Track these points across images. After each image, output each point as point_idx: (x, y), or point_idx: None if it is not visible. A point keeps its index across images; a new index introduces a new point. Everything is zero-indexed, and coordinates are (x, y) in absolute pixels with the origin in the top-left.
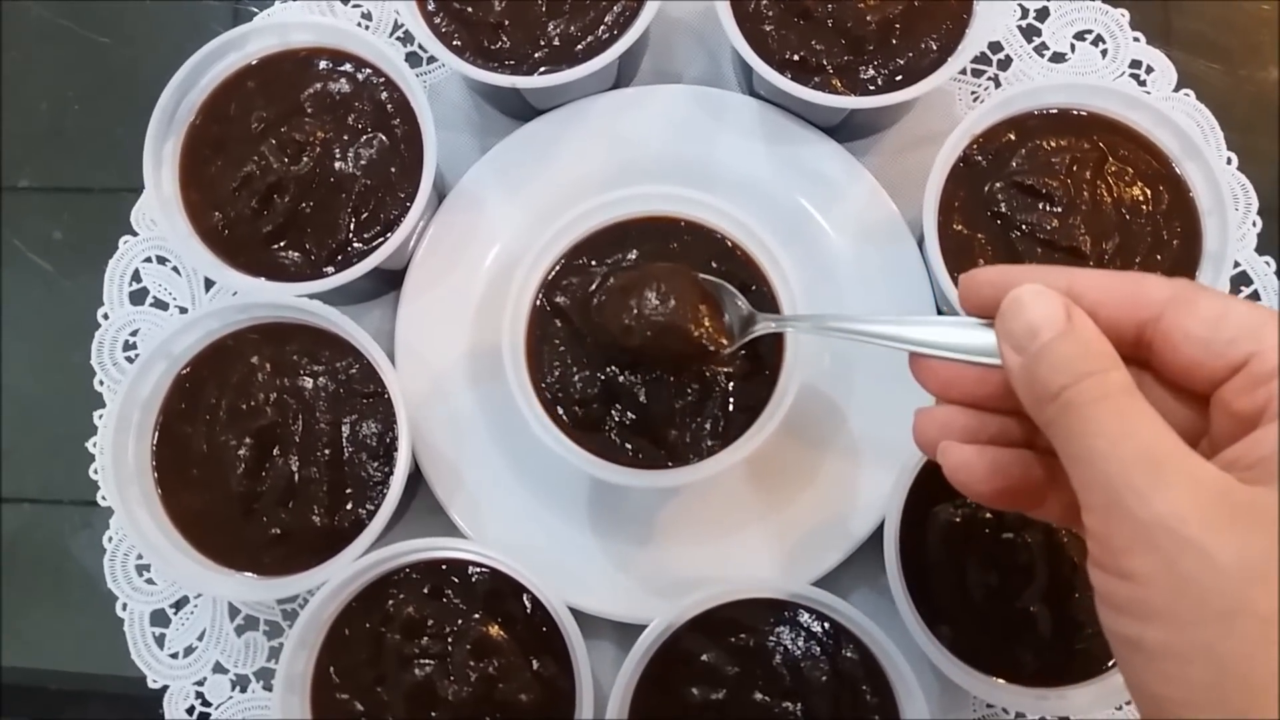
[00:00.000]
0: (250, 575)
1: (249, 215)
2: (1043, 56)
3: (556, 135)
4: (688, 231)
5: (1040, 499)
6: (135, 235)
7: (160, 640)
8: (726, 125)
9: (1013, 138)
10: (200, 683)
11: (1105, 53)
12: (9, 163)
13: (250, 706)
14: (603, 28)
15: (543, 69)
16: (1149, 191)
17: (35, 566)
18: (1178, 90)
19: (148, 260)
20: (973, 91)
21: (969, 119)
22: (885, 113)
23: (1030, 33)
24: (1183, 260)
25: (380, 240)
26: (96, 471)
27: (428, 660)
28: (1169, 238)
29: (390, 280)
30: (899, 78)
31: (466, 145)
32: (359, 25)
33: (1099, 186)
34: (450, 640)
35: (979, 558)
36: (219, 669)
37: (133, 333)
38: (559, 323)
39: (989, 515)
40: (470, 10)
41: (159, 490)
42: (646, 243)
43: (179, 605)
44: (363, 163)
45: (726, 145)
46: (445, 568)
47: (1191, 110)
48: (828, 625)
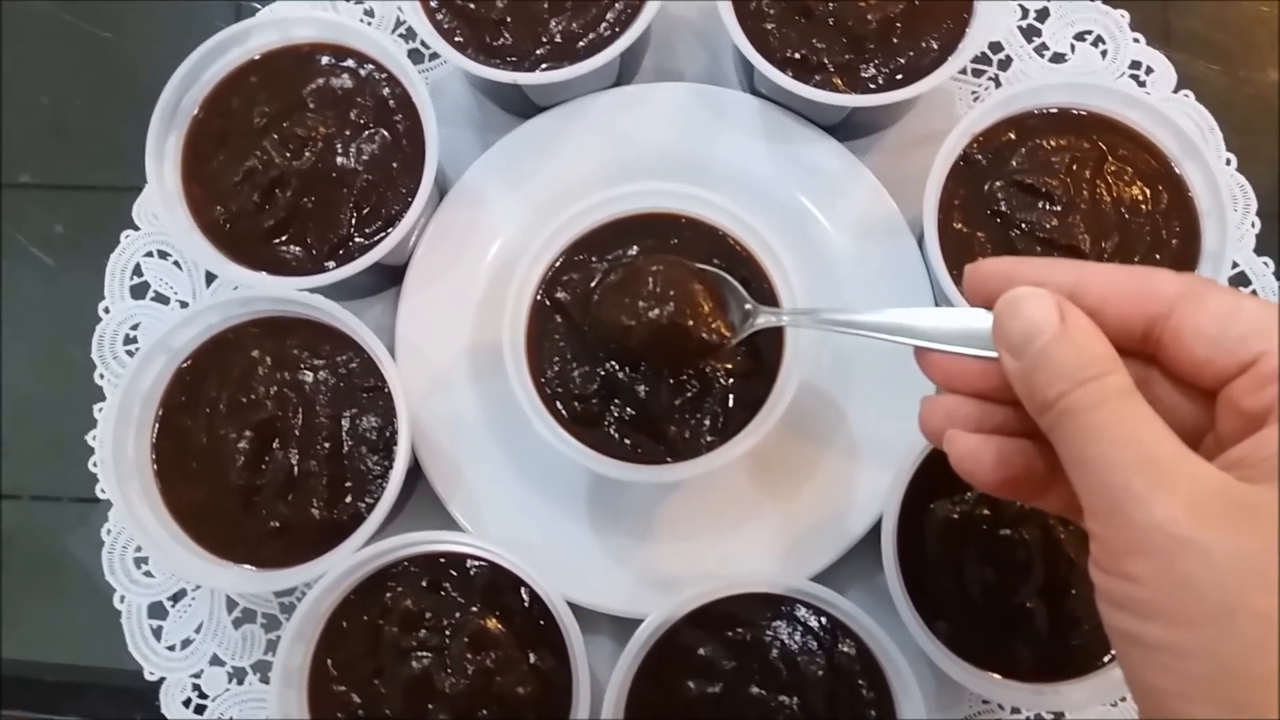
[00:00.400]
0: (249, 568)
1: (251, 210)
2: (1043, 57)
3: (558, 132)
4: (688, 228)
5: (1043, 489)
6: (137, 230)
7: (158, 633)
8: (727, 123)
9: (1013, 137)
10: (197, 675)
11: (1105, 53)
12: (10, 158)
13: (247, 699)
14: (604, 25)
15: (544, 66)
16: (1148, 191)
17: (33, 560)
18: (1177, 91)
19: (149, 255)
20: (973, 91)
21: (969, 117)
22: (886, 111)
23: (1030, 33)
24: (1181, 260)
25: (381, 235)
26: (96, 465)
27: (425, 653)
28: (1168, 237)
29: (391, 276)
30: (900, 77)
31: (468, 141)
32: (361, 21)
33: (1098, 186)
34: (448, 633)
35: (976, 554)
36: (216, 661)
37: (133, 327)
38: (559, 318)
39: (986, 512)
40: (473, 7)
41: (158, 483)
42: (647, 239)
43: (176, 598)
44: (364, 158)
45: (727, 143)
46: (443, 561)
47: (1191, 111)
48: (825, 620)
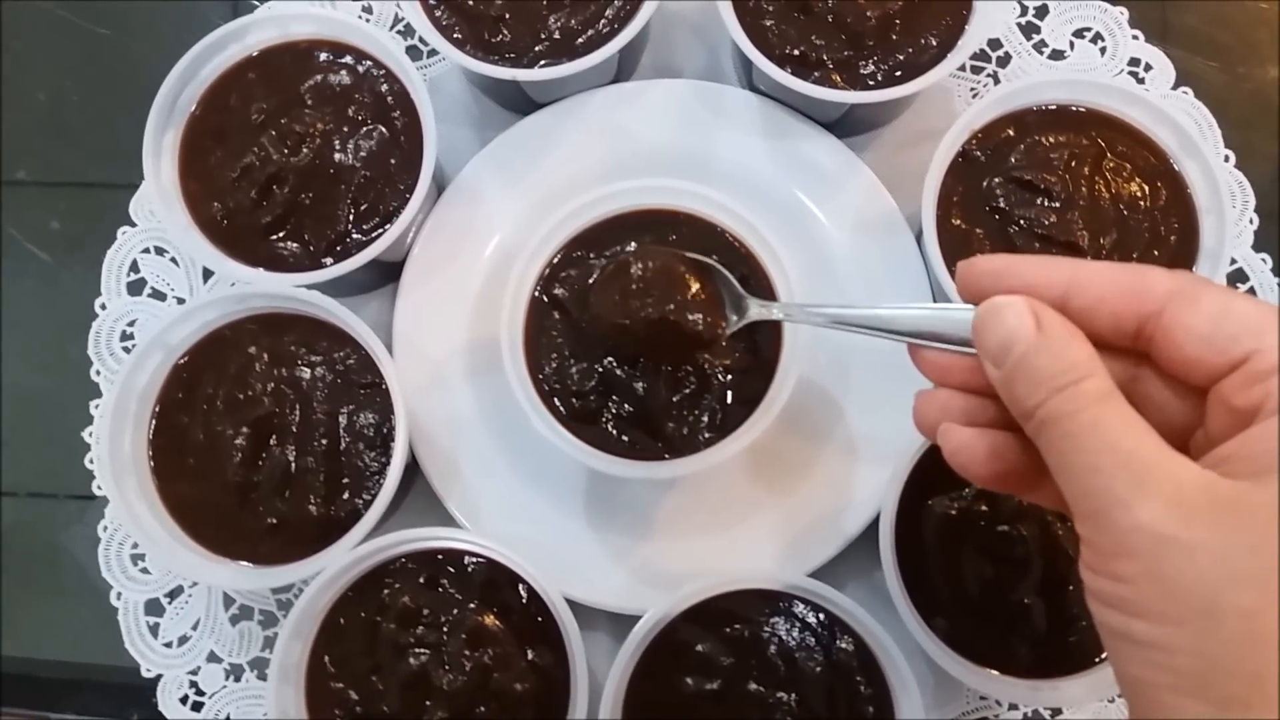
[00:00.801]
0: (246, 564)
1: (248, 206)
2: (1042, 54)
3: (556, 129)
4: (686, 224)
5: (1036, 483)
6: (134, 226)
7: (154, 630)
8: (726, 120)
9: (1012, 133)
10: (194, 672)
11: (1104, 50)
12: (7, 155)
13: (244, 696)
14: (603, 22)
15: (543, 62)
16: (1147, 188)
17: (30, 557)
18: (1176, 88)
19: (146, 251)
20: (972, 88)
21: (968, 114)
22: (885, 108)
23: (1029, 30)
24: (1180, 257)
25: (379, 232)
26: (92, 461)
27: (423, 650)
28: (1166, 234)
29: (389, 272)
30: (898, 73)
31: (466, 138)
32: (360, 18)
33: (1097, 182)
34: (446, 630)
35: (974, 550)
36: (213, 658)
37: (130, 323)
38: (557, 315)
39: (984, 508)
40: (471, 3)
41: (155, 480)
42: (645, 236)
43: (173, 595)
44: (362, 154)
45: (726, 140)
46: (441, 557)
47: (1189, 108)
48: (823, 617)
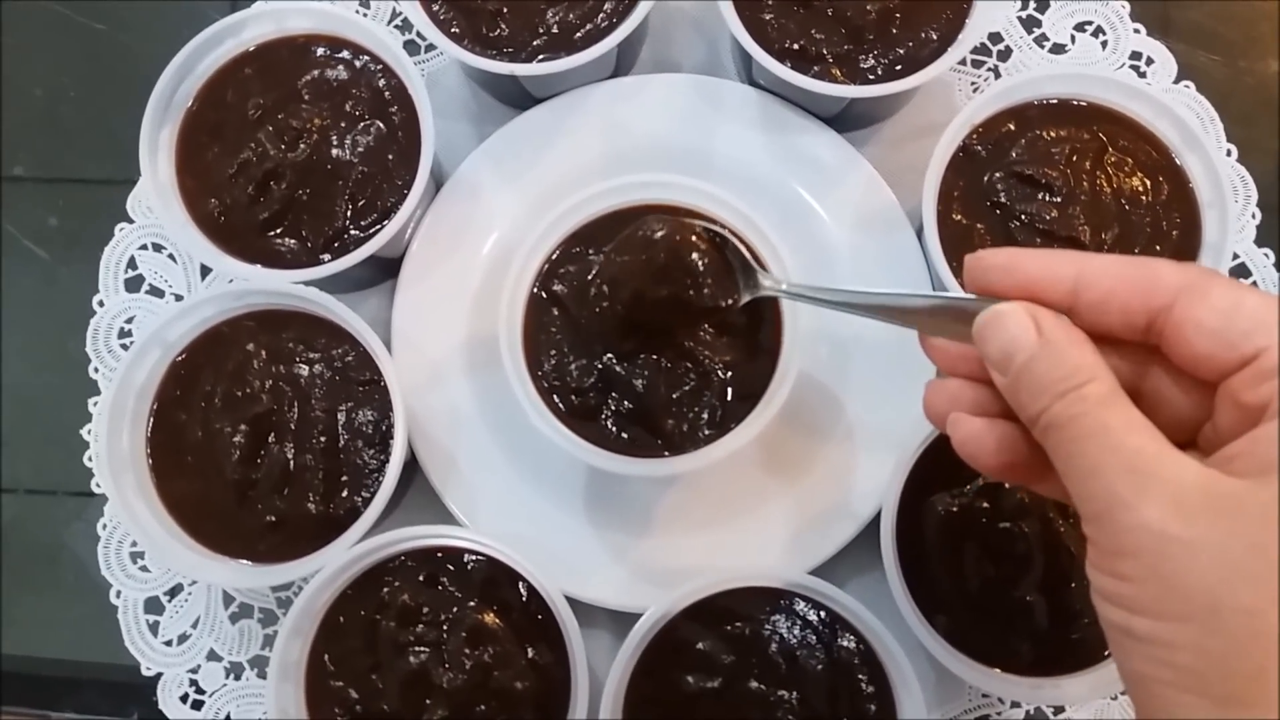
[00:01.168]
0: (245, 562)
1: (245, 202)
2: (1043, 47)
3: (554, 124)
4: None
5: (1043, 474)
6: (131, 222)
7: (154, 628)
8: (725, 114)
9: (1012, 128)
10: (194, 670)
11: (1105, 44)
12: (5, 151)
13: (244, 694)
14: (601, 15)
15: (541, 57)
16: (1149, 182)
17: (30, 555)
18: (1178, 82)
19: (143, 247)
20: (972, 82)
21: (969, 108)
22: (885, 102)
23: (1030, 23)
24: (1182, 252)
25: (377, 228)
26: (91, 459)
27: (423, 648)
28: (1168, 229)
29: (387, 268)
30: (899, 67)
31: (464, 133)
32: (357, 12)
33: (1098, 177)
34: (445, 628)
35: (976, 547)
36: (213, 656)
37: (128, 320)
38: (556, 311)
39: (986, 505)
40: None
41: (153, 477)
42: None
43: (173, 593)
44: (360, 150)
45: (725, 134)
46: (441, 555)
47: (1191, 102)
48: (824, 614)
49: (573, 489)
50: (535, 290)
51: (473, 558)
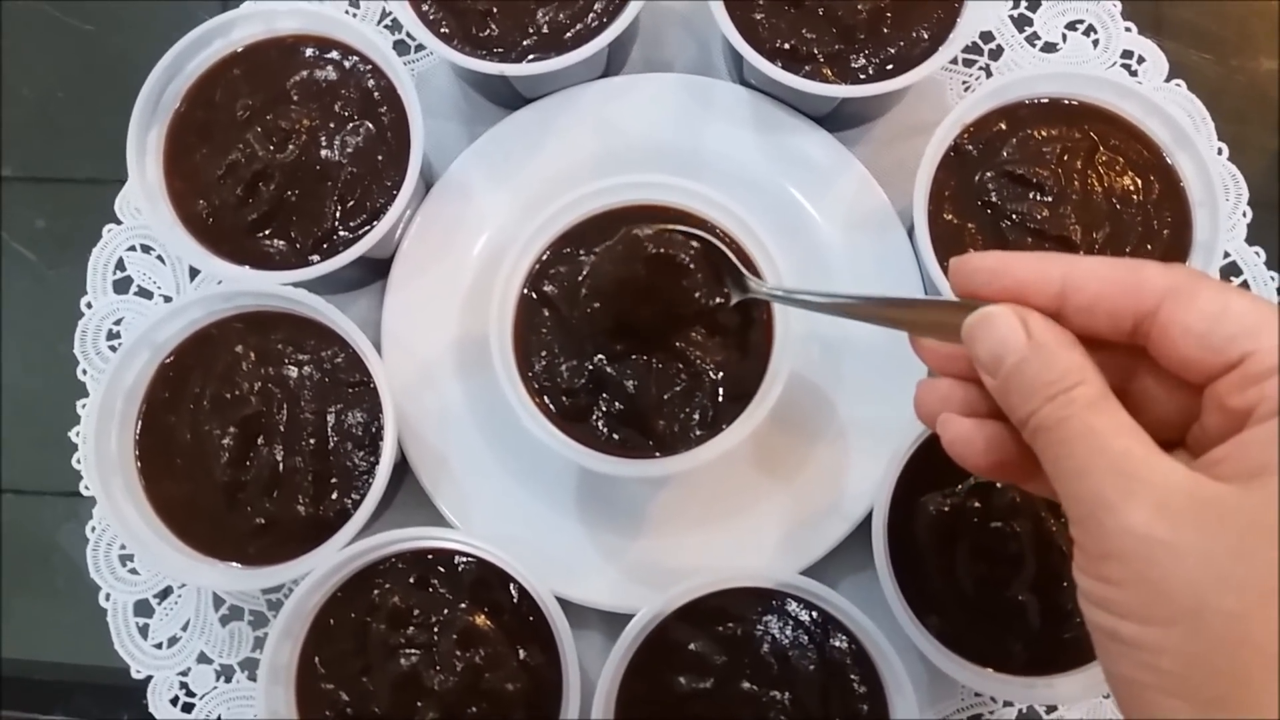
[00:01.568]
0: (235, 565)
1: (234, 203)
2: (1034, 46)
3: (545, 124)
4: (677, 220)
5: (1034, 473)
6: (119, 224)
7: (144, 630)
8: (716, 114)
9: (1004, 127)
10: (184, 673)
11: (1097, 43)
12: None
13: (235, 697)
14: (592, 15)
15: (531, 57)
16: (1140, 181)
17: (19, 558)
18: (1169, 80)
19: (132, 249)
20: (964, 81)
21: (960, 108)
22: (876, 102)
23: (1022, 22)
24: (1173, 250)
25: (366, 229)
26: (79, 461)
27: (414, 650)
28: (1159, 227)
29: (376, 269)
30: (890, 67)
31: (454, 133)
32: (346, 13)
33: (1090, 176)
34: (436, 630)
35: (968, 547)
36: (203, 659)
37: (116, 322)
38: (546, 312)
39: (977, 504)
40: None
41: (142, 480)
42: None
43: (163, 595)
44: (349, 151)
45: (716, 134)
46: (431, 557)
47: (1183, 100)
48: (816, 614)
49: (564, 490)
50: (526, 291)
51: (463, 559)
